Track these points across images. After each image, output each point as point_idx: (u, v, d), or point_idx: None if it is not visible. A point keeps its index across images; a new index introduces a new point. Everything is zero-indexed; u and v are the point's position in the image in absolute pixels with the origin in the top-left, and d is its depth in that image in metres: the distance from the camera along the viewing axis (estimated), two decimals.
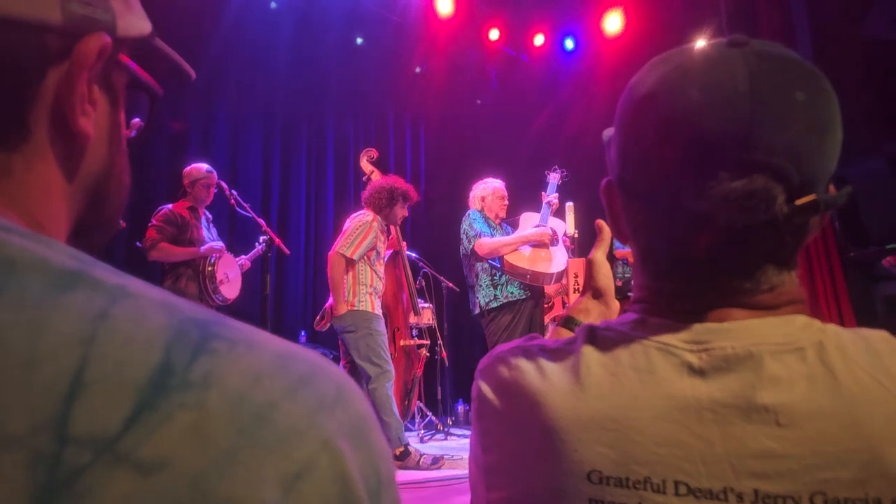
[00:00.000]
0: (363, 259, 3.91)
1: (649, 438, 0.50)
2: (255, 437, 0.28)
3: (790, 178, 0.49)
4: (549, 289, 4.52)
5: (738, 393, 0.49)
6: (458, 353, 6.62)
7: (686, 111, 0.50)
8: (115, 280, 0.30)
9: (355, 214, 4.02)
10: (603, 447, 0.51)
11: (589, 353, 0.55)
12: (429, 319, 5.27)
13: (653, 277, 0.58)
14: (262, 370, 0.31)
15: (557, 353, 0.58)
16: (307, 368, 0.34)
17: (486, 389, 0.60)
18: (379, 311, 3.90)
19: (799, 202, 0.49)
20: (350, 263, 3.83)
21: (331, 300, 3.92)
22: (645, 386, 0.52)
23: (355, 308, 3.80)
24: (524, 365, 0.58)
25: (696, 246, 0.53)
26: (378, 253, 3.99)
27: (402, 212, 4.09)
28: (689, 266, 0.54)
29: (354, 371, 3.92)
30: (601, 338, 0.57)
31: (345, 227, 3.97)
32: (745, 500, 0.47)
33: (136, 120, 0.50)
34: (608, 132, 0.63)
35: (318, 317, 3.96)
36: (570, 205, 4.02)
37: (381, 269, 4.04)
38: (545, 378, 0.56)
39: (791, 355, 0.50)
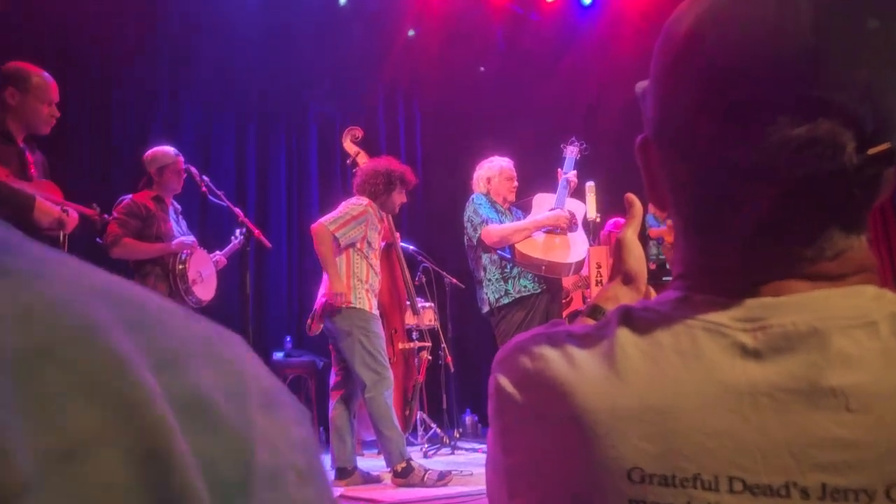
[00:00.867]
0: (356, 250, 3.91)
1: (698, 430, 0.50)
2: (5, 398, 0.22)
3: (862, 122, 0.48)
4: (567, 281, 4.52)
5: (800, 375, 0.49)
6: (465, 358, 6.64)
7: (735, 47, 0.50)
8: None
9: (348, 201, 4.03)
10: (644, 442, 0.51)
11: (625, 336, 0.55)
12: (430, 320, 5.29)
13: (697, 249, 0.58)
14: (45, 306, 0.24)
15: (588, 339, 0.57)
16: (137, 306, 0.27)
17: (506, 383, 0.59)
18: (376, 311, 3.91)
19: (872, 151, 0.48)
20: (335, 244, 3.83)
21: (320, 300, 3.92)
22: (691, 371, 0.52)
23: (351, 306, 3.81)
24: (549, 353, 0.57)
25: (748, 208, 0.53)
26: (370, 245, 3.99)
27: (400, 198, 4.09)
28: (740, 233, 0.54)
29: (348, 379, 3.93)
30: (638, 319, 0.56)
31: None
32: (811, 495, 0.47)
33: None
34: (642, 84, 0.63)
35: (308, 320, 3.97)
36: (590, 184, 4.01)
37: (376, 262, 4.04)
38: (574, 367, 0.55)
39: (862, 330, 0.49)
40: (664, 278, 4.64)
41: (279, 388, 0.32)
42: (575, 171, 4.15)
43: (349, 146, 4.56)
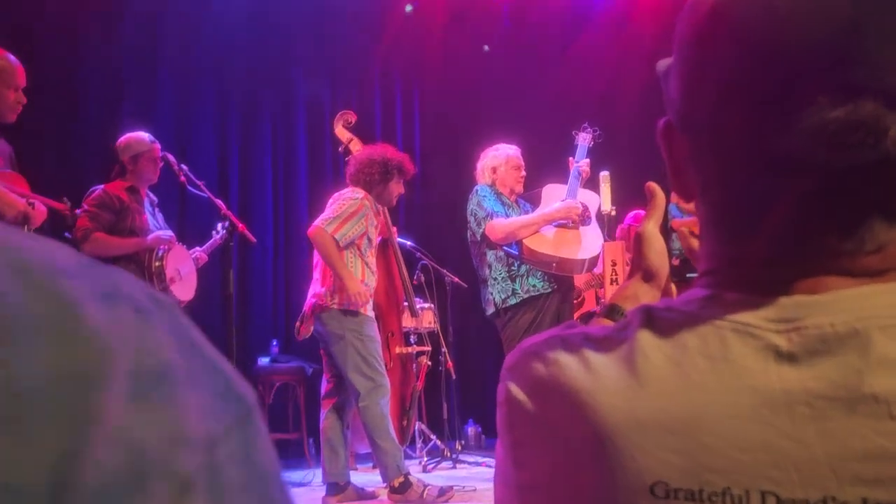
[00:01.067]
0: (353, 249, 3.91)
1: (727, 441, 0.50)
2: None
3: None
4: (579, 280, 4.53)
5: (839, 381, 0.49)
6: (467, 363, 6.64)
7: (768, 21, 0.50)
8: None
9: (340, 193, 4.03)
10: (669, 454, 0.51)
11: (646, 339, 0.55)
12: (430, 322, 5.29)
13: (726, 242, 0.58)
14: None
15: (606, 342, 0.57)
16: None
17: (517, 391, 0.60)
18: (371, 313, 3.92)
19: None
20: (337, 245, 3.84)
21: (310, 301, 3.93)
22: (720, 377, 0.52)
23: (344, 307, 3.81)
24: (564, 358, 0.57)
25: (782, 197, 0.53)
26: (370, 241, 4.00)
27: (397, 189, 4.09)
28: (773, 224, 0.54)
29: (341, 387, 3.94)
30: (661, 320, 0.56)
31: (328, 206, 3.97)
32: None
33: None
34: (664, 62, 0.63)
35: (297, 322, 3.97)
36: (605, 174, 4.01)
37: (373, 261, 4.05)
38: (592, 373, 0.55)
39: None
40: (689, 275, 4.64)
41: (182, 366, 0.26)
42: (588, 160, 4.15)
43: (341, 132, 4.56)
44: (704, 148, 0.57)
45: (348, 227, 3.85)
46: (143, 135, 4.04)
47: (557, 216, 3.96)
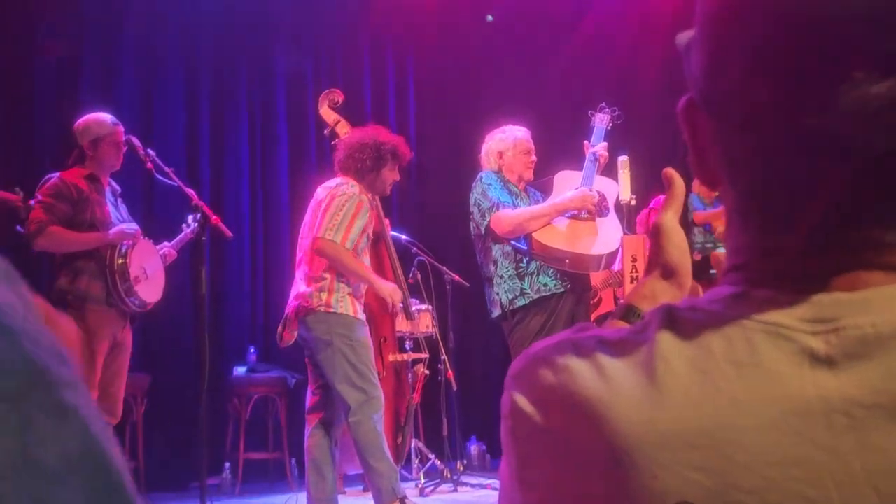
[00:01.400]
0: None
1: (757, 457, 0.50)
2: None
3: None
4: (596, 278, 4.53)
5: (881, 387, 0.49)
6: (470, 372, 6.65)
7: None
8: None
9: (330, 184, 4.03)
10: (693, 471, 0.51)
11: (667, 342, 0.55)
12: (427, 326, 5.29)
13: (756, 234, 0.58)
14: None
15: (622, 346, 0.58)
16: None
17: (523, 402, 0.60)
18: (363, 316, 3.92)
19: None
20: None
21: (292, 303, 3.93)
22: (749, 385, 0.52)
23: (332, 310, 3.81)
24: (576, 365, 0.58)
25: (818, 185, 0.53)
26: (368, 238, 4.01)
27: (391, 176, 4.09)
28: (808, 215, 0.54)
29: (328, 400, 3.94)
30: (684, 321, 0.56)
31: (319, 203, 3.96)
32: None
33: None
34: (685, 35, 0.63)
35: (279, 327, 3.98)
36: (623, 158, 4.01)
37: (366, 257, 4.05)
38: (607, 380, 0.56)
39: None
40: (712, 271, 4.64)
41: None
42: (605, 144, 4.14)
43: (327, 113, 4.55)
44: (730, 129, 0.57)
45: (356, 232, 3.87)
46: (104, 116, 4.04)
47: (571, 206, 3.96)
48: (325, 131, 4.58)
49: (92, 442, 0.33)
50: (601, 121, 4.24)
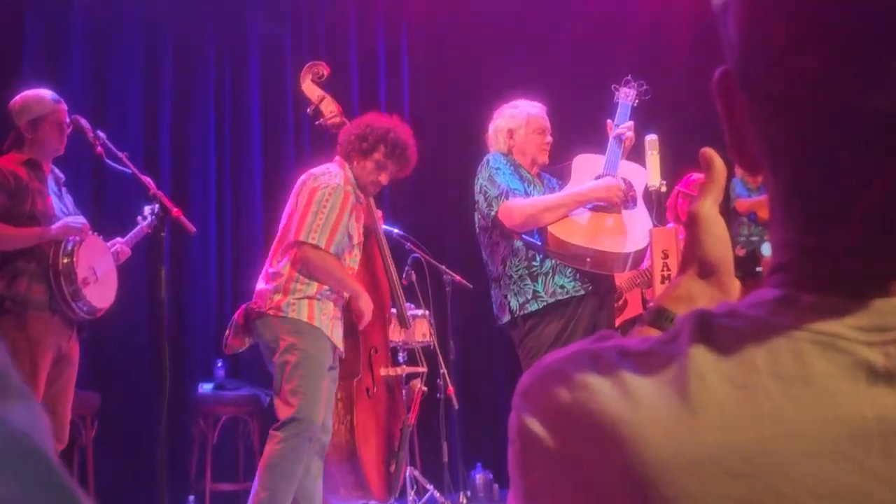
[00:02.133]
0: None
1: (804, 486, 0.50)
2: None
3: None
4: (621, 277, 4.53)
5: None
6: (474, 389, 6.65)
7: None
8: None
9: (315, 172, 4.03)
10: (730, 503, 0.51)
11: (702, 354, 0.56)
12: (424, 335, 5.29)
13: (802, 230, 0.58)
14: None
15: (649, 359, 0.58)
16: None
17: (534, 424, 0.60)
18: (321, 322, 3.91)
19: None
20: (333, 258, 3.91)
21: (243, 306, 3.97)
22: (797, 404, 0.52)
23: (281, 314, 3.83)
24: (595, 380, 0.58)
25: (873, 173, 0.53)
26: (350, 237, 4.02)
27: (378, 169, 4.10)
28: (861, 207, 0.54)
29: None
30: (721, 330, 0.57)
31: (299, 197, 3.97)
32: None
33: None
34: None
35: (227, 332, 4.01)
36: (651, 138, 4.00)
37: (351, 258, 4.06)
38: (631, 399, 0.56)
39: None
40: (757, 269, 4.63)
41: None
42: (631, 123, 4.14)
43: (310, 89, 4.55)
44: (773, 107, 0.57)
45: (341, 234, 3.93)
46: (45, 93, 4.04)
47: (593, 197, 3.95)
48: (308, 109, 4.58)
49: (23, 439, 0.36)
50: (626, 96, 4.23)
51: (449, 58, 7.32)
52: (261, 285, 4.00)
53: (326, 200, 3.90)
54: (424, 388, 4.94)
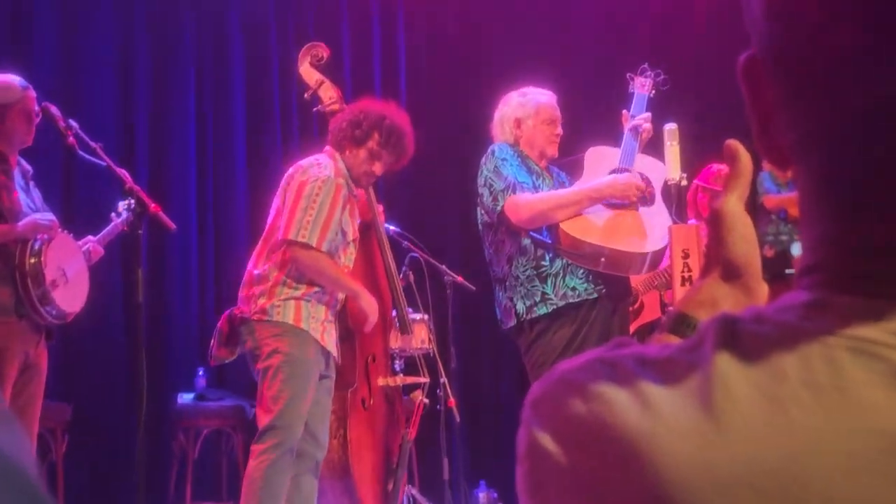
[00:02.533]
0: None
1: None
2: None
3: None
4: (637, 279, 4.53)
5: None
6: (478, 400, 6.65)
7: None
8: None
9: (304, 164, 4.04)
10: None
11: (727, 363, 0.56)
12: (423, 341, 5.28)
13: (836, 226, 0.58)
14: None
15: (670, 368, 0.58)
16: None
17: (546, 439, 0.60)
18: (309, 325, 3.91)
19: None
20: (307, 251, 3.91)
21: (227, 311, 3.97)
22: (831, 415, 0.52)
23: (266, 318, 3.83)
24: (612, 392, 0.58)
25: None
26: (344, 234, 4.02)
27: (372, 158, 4.10)
28: None
29: (305, 435, 3.94)
30: (748, 336, 0.57)
31: (286, 192, 3.98)
32: None
33: None
34: None
35: (212, 342, 4.01)
36: (671, 127, 3.99)
37: (346, 256, 4.07)
38: (651, 411, 0.56)
39: None
40: (788, 271, 4.63)
41: None
42: (648, 115, 4.14)
43: (308, 72, 4.56)
44: (805, 91, 0.57)
45: (333, 230, 3.94)
46: (12, 79, 4.04)
47: (608, 194, 3.95)
48: (306, 95, 4.59)
49: (5, 459, 0.37)
50: (643, 86, 4.24)
51: (451, 41, 7.32)
52: (245, 290, 4.00)
53: (316, 195, 3.90)
54: (426, 400, 4.94)
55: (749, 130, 0.64)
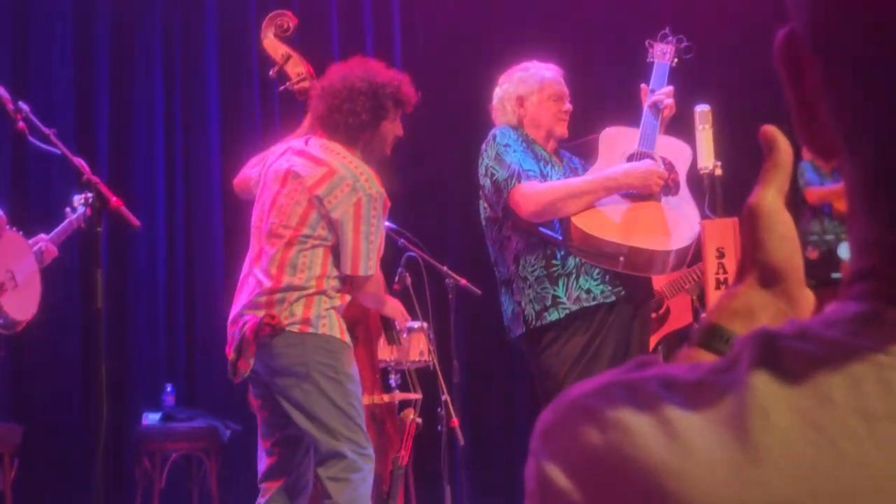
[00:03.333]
0: (319, 244, 3.89)
1: None
2: None
3: None
4: (662, 281, 4.54)
5: None
6: (483, 420, 6.66)
7: None
8: None
9: (341, 171, 4.00)
10: None
11: (765, 387, 0.55)
12: (422, 353, 5.30)
13: (890, 227, 0.58)
14: None
15: (700, 392, 0.58)
16: None
17: (557, 474, 0.60)
18: (350, 339, 3.93)
19: None
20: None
21: (250, 319, 3.89)
22: (885, 447, 0.52)
23: (310, 329, 3.81)
24: (633, 419, 0.58)
25: None
26: None
27: (393, 130, 4.08)
28: None
29: (291, 461, 3.94)
30: (790, 354, 0.56)
31: (303, 187, 3.96)
32: None
33: None
34: None
35: (232, 353, 3.94)
36: (703, 109, 4.00)
37: None
38: (678, 443, 0.56)
39: None
40: (835, 275, 4.63)
41: None
42: (670, 88, 4.15)
43: (273, 45, 4.54)
44: (855, 70, 0.57)
45: (380, 246, 4.06)
46: None
47: (626, 183, 3.96)
48: (272, 71, 4.57)
49: None
50: (664, 55, 4.24)
51: (450, 17, 7.34)
52: (263, 297, 3.91)
53: (373, 216, 3.93)
54: (419, 420, 4.94)
55: (788, 115, 0.64)
